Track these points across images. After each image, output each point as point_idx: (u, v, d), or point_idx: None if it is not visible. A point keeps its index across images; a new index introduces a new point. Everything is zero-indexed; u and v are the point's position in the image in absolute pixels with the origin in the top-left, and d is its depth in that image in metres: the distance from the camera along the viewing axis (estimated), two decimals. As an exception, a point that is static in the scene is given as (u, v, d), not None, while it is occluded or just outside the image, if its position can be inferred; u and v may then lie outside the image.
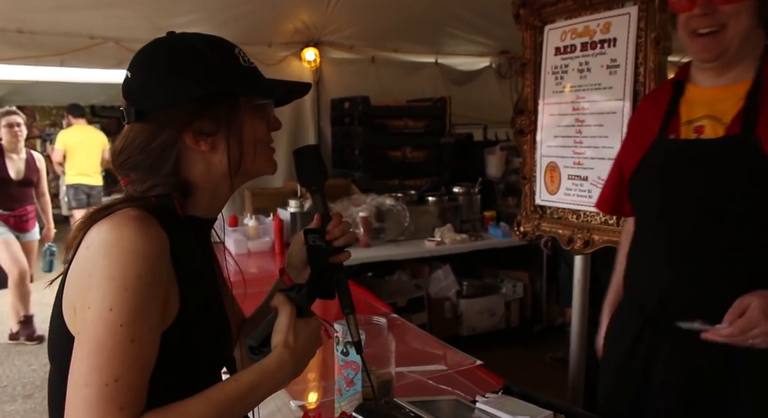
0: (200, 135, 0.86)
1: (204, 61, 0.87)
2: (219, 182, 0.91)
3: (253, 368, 0.85)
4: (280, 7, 4.00)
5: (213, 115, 0.86)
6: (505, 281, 4.19)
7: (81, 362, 0.74)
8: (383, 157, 4.23)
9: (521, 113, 2.36)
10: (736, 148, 1.25)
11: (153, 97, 0.85)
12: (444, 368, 1.68)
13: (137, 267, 0.75)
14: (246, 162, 0.90)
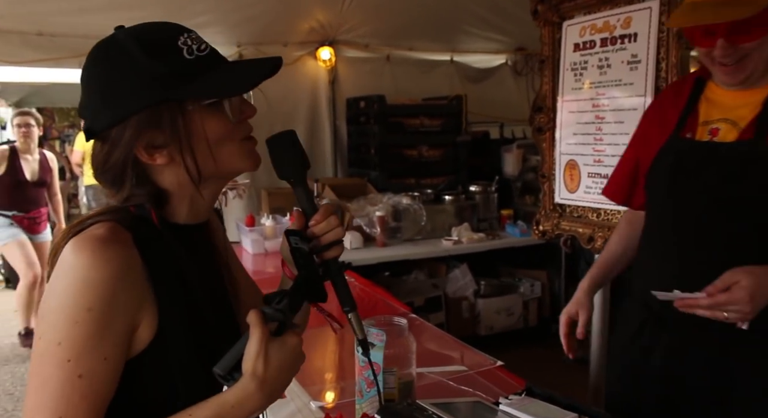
0: (152, 149, 0.81)
1: (138, 67, 0.78)
2: (191, 189, 0.85)
3: (210, 401, 0.76)
4: (294, 7, 4.01)
5: (160, 125, 0.80)
6: (523, 280, 4.16)
7: (29, 397, 0.73)
8: (399, 156, 4.21)
9: (540, 111, 2.34)
10: (747, 154, 1.26)
11: (97, 116, 0.81)
12: (464, 368, 1.67)
13: (87, 299, 0.73)
14: (207, 168, 0.83)
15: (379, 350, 1.29)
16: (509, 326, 4.01)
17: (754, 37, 1.22)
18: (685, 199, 1.35)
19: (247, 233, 3.47)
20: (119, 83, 0.79)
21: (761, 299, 1.14)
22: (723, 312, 1.16)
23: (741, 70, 1.26)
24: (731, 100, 1.33)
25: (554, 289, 4.23)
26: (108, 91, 0.80)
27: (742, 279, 1.14)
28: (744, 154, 1.27)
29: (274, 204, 3.76)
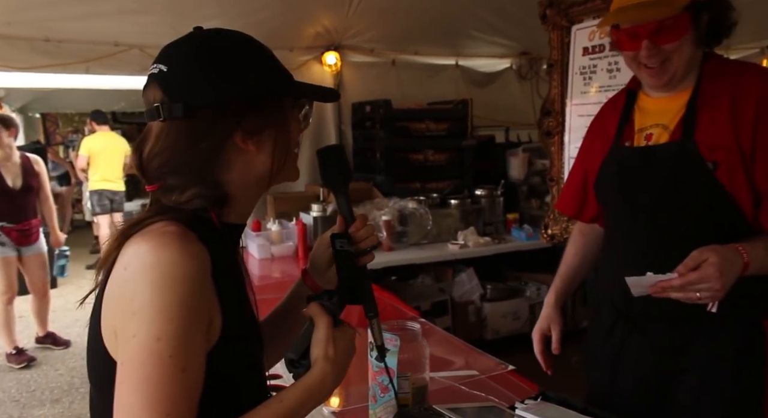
0: (248, 134, 0.83)
1: (251, 57, 0.85)
2: (254, 186, 0.88)
3: (296, 386, 0.83)
4: (300, 12, 4.02)
5: (262, 113, 0.84)
6: (529, 283, 4.16)
7: (129, 395, 0.70)
8: (405, 161, 4.22)
9: (548, 115, 2.34)
10: (678, 153, 1.34)
11: (202, 93, 0.81)
12: (476, 373, 1.66)
13: (181, 294, 0.72)
14: (288, 162, 0.88)
15: (393, 355, 1.28)
16: (516, 330, 4.00)
17: (674, 38, 1.30)
18: (633, 203, 1.43)
19: (254, 238, 3.47)
20: (233, 65, 0.83)
21: (729, 273, 1.17)
22: (696, 292, 1.19)
23: (664, 71, 1.33)
24: (660, 106, 1.42)
25: (561, 293, 4.21)
26: (221, 70, 0.82)
27: (710, 256, 1.17)
28: (675, 154, 1.35)
29: (280, 209, 3.77)
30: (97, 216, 6.50)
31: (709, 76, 1.36)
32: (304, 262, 3.36)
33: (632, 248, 1.45)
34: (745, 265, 1.20)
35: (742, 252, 1.20)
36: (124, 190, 6.59)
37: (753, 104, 1.27)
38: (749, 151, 1.27)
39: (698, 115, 1.34)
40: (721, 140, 1.29)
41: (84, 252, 7.34)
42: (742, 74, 1.33)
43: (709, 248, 1.20)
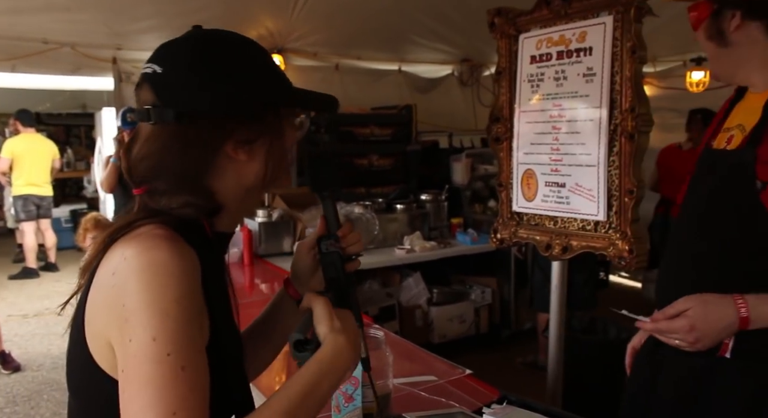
0: (240, 143, 0.81)
1: (249, 64, 0.82)
2: (245, 195, 0.86)
3: (310, 363, 0.79)
4: (242, 14, 3.94)
5: (257, 123, 0.81)
6: (474, 287, 4.22)
7: (132, 401, 0.67)
8: (349, 165, 4.20)
9: (497, 121, 2.37)
10: (735, 163, 1.23)
11: (195, 101, 0.78)
12: (434, 378, 1.66)
13: (174, 291, 0.69)
14: (281, 171, 0.86)
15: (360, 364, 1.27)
16: (462, 333, 4.05)
17: (695, 29, 1.30)
18: (684, 211, 1.37)
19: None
20: (234, 71, 0.80)
21: (706, 329, 1.12)
22: (673, 339, 1.17)
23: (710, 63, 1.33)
24: (748, 104, 1.30)
25: (504, 295, 4.31)
26: (221, 77, 0.79)
27: (692, 307, 1.14)
28: (732, 164, 1.24)
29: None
30: (21, 223, 6.15)
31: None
32: (250, 269, 3.29)
33: (669, 259, 1.38)
34: (742, 320, 1.11)
35: (740, 306, 1.11)
36: (52, 195, 6.26)
37: None
38: None
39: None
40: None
41: (6, 262, 6.94)
42: None
43: (696, 298, 1.15)
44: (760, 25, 1.20)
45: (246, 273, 3.25)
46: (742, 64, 1.27)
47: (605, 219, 2.00)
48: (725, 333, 1.13)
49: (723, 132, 1.35)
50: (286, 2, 3.80)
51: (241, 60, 0.82)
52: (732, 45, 1.26)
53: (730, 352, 1.16)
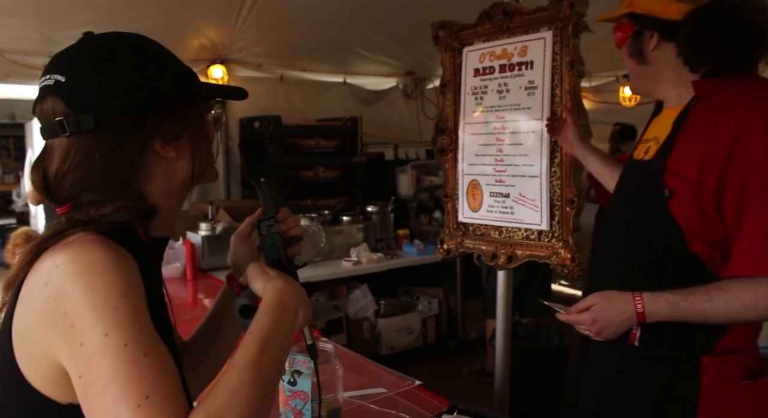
0: (168, 140, 0.79)
1: (156, 58, 0.81)
2: (177, 194, 0.84)
3: (259, 314, 0.77)
4: (184, 23, 3.86)
5: (179, 115, 0.80)
6: (421, 298, 4.24)
7: (99, 401, 0.63)
8: (295, 177, 4.17)
9: (442, 133, 2.40)
10: (647, 171, 1.33)
11: (113, 101, 0.74)
12: (384, 390, 1.65)
13: (119, 288, 0.66)
14: (208, 164, 0.85)
15: (307, 378, 1.24)
16: (409, 344, 4.06)
17: (618, 46, 1.41)
18: (606, 216, 1.49)
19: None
20: (143, 67, 0.78)
21: (606, 322, 1.27)
22: (583, 330, 1.34)
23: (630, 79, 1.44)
24: (663, 117, 1.40)
25: (451, 305, 4.34)
26: (130, 74, 0.76)
27: (596, 303, 1.29)
28: (645, 173, 1.33)
29: (164, 228, 3.56)
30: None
31: (705, 96, 1.26)
32: (192, 283, 3.19)
33: (595, 259, 1.54)
34: (639, 314, 1.23)
35: (637, 302, 1.23)
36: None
37: (730, 138, 1.17)
38: (712, 187, 1.18)
39: (681, 135, 1.27)
40: (685, 168, 1.23)
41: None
42: (733, 102, 1.21)
43: (600, 295, 1.30)
44: (674, 46, 1.29)
45: (188, 288, 3.16)
46: (659, 80, 1.37)
47: (548, 228, 2.05)
48: (624, 325, 1.27)
49: (642, 143, 1.45)
50: (229, 12, 3.75)
51: (145, 56, 0.80)
52: (650, 63, 1.36)
53: (638, 340, 1.29)
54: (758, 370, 1.30)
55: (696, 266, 1.24)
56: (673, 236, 1.24)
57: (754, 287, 1.15)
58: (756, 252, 1.15)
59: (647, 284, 1.27)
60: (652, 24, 1.32)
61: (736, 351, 1.26)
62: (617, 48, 1.45)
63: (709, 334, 1.24)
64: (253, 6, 3.68)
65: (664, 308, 1.22)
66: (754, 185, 1.15)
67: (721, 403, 1.24)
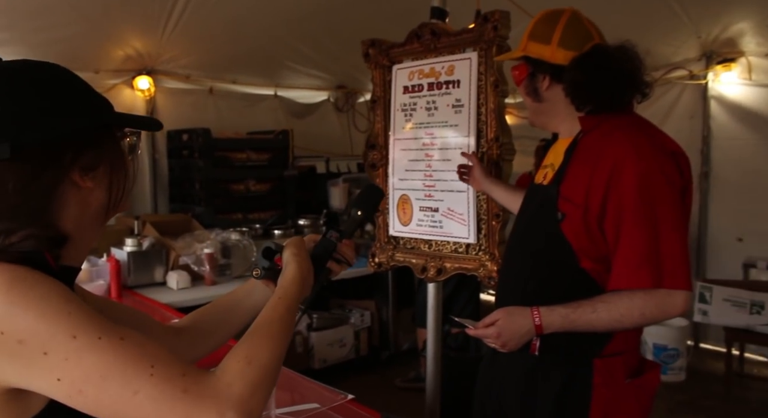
0: (85, 170, 0.78)
1: (74, 88, 0.79)
2: (91, 225, 0.82)
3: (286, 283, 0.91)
4: (108, 32, 3.75)
5: (96, 146, 0.79)
6: (354, 310, 4.25)
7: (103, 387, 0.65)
8: (226, 191, 4.11)
9: (373, 148, 2.44)
10: (544, 196, 1.49)
11: (30, 130, 0.73)
12: (317, 406, 1.66)
13: (59, 294, 0.66)
14: (124, 195, 0.85)
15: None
16: (342, 358, 4.06)
17: (516, 83, 1.57)
18: (510, 237, 1.65)
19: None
20: (59, 97, 0.76)
21: (509, 335, 1.40)
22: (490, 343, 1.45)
23: (528, 113, 1.58)
24: (558, 146, 1.57)
25: (383, 317, 4.38)
26: (48, 104, 0.75)
27: (499, 319, 1.42)
28: (541, 198, 1.50)
29: (86, 244, 3.42)
30: None
31: (589, 130, 1.44)
32: (118, 301, 3.08)
33: (502, 275, 1.68)
34: (537, 327, 1.38)
35: (535, 316, 1.37)
36: None
37: (609, 169, 1.34)
38: (596, 211, 1.34)
39: (571, 165, 1.44)
40: (574, 194, 1.39)
41: None
42: (611, 137, 1.38)
43: (503, 310, 1.42)
44: (563, 87, 1.46)
45: (113, 307, 3.04)
46: (552, 115, 1.55)
47: (475, 241, 2.13)
48: (525, 337, 1.40)
49: (542, 168, 1.61)
50: (156, 22, 3.68)
51: (62, 86, 0.79)
52: (544, 101, 1.53)
53: (538, 350, 1.43)
54: (639, 368, 1.48)
55: (586, 281, 1.39)
56: (566, 254, 1.39)
57: (629, 299, 1.32)
58: (628, 268, 1.32)
59: (546, 298, 1.40)
60: (543, 67, 1.49)
61: (622, 353, 1.42)
62: (516, 86, 1.61)
63: (599, 340, 1.39)
64: (181, 16, 3.62)
65: (558, 320, 1.36)
66: (626, 210, 1.32)
67: (610, 399, 1.40)
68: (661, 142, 1.38)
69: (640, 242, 1.30)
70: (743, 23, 3.99)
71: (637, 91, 1.43)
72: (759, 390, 3.83)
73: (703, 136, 4.52)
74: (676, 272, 1.30)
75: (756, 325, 3.49)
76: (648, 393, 1.47)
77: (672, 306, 1.31)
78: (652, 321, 1.35)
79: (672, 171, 1.34)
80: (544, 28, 1.48)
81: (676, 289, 1.30)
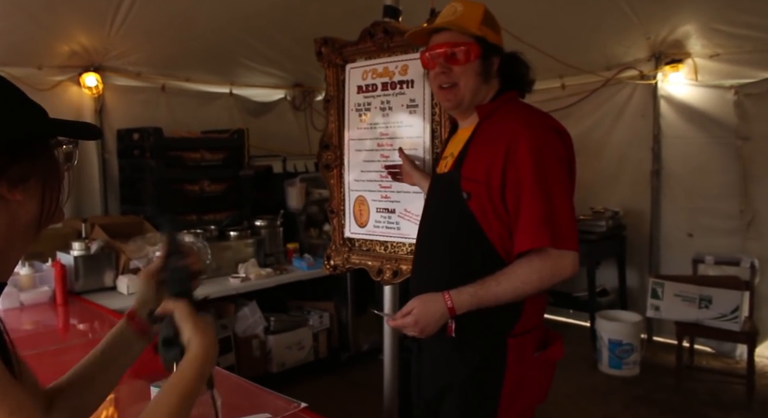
0: (14, 183, 0.73)
1: (4, 97, 0.74)
2: (20, 238, 0.77)
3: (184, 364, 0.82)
4: (51, 27, 3.58)
5: (27, 157, 0.74)
6: (312, 312, 4.20)
7: None
8: (179, 192, 3.99)
9: (327, 148, 2.40)
10: (448, 182, 1.60)
11: None
12: (268, 415, 1.61)
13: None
14: (58, 207, 0.80)
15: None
16: (300, 360, 4.00)
17: (462, 62, 1.56)
18: (422, 224, 1.75)
19: (-4, 284, 2.96)
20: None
21: (426, 320, 1.49)
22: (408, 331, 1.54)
23: (454, 94, 1.59)
24: (458, 136, 1.67)
25: (342, 318, 4.34)
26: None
27: (415, 307, 1.51)
28: (446, 183, 1.61)
29: (31, 249, 3.27)
30: None
31: (488, 115, 1.58)
32: (63, 308, 2.96)
33: (415, 267, 1.75)
34: (450, 310, 1.47)
35: (447, 300, 1.47)
36: None
37: (505, 143, 1.48)
38: (497, 184, 1.47)
39: (470, 149, 1.57)
40: (476, 173, 1.51)
41: None
42: (506, 120, 1.54)
43: (417, 299, 1.51)
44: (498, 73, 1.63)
45: (59, 314, 2.92)
46: (481, 97, 1.62)
47: (431, 243, 2.11)
48: (441, 321, 1.50)
49: (443, 159, 1.73)
50: (102, 16, 3.53)
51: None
52: (489, 81, 1.61)
53: (454, 331, 1.52)
54: (544, 341, 1.62)
55: (496, 257, 1.51)
56: (475, 232, 1.51)
57: (528, 265, 1.45)
58: (530, 229, 1.44)
59: (461, 279, 1.50)
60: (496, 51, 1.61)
61: (531, 330, 1.57)
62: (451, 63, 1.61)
63: (509, 318, 1.52)
64: (129, 12, 3.50)
65: (467, 299, 1.47)
66: (524, 179, 1.45)
67: (521, 373, 1.54)
68: (547, 121, 1.55)
69: (539, 206, 1.43)
70: (689, 25, 4.08)
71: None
72: (707, 382, 3.94)
73: (654, 134, 4.62)
74: (567, 235, 1.44)
75: (705, 319, 3.58)
76: (552, 364, 1.62)
77: (562, 268, 1.45)
78: (549, 283, 1.47)
79: (558, 145, 1.50)
80: (491, 19, 1.61)
81: (567, 249, 1.44)
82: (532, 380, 1.57)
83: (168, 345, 0.86)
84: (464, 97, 1.59)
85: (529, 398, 1.58)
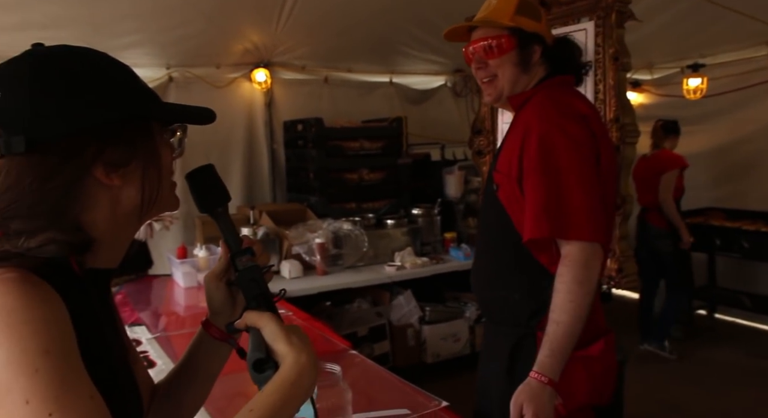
0: (111, 167, 0.71)
1: (108, 78, 0.72)
2: (123, 224, 0.75)
3: (273, 384, 0.71)
4: (227, 28, 3.86)
5: (127, 141, 0.71)
6: (469, 304, 4.08)
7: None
8: (339, 180, 4.10)
9: (479, 133, 2.27)
10: (489, 175, 1.63)
11: (49, 123, 0.67)
12: (407, 411, 1.55)
13: (39, 341, 0.58)
14: (161, 194, 0.76)
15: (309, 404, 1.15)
16: (456, 353, 3.91)
17: (497, 55, 1.53)
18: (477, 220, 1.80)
19: (179, 265, 3.26)
20: (87, 87, 0.70)
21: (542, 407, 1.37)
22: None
23: (493, 87, 1.57)
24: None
25: (500, 312, 4.17)
26: (72, 94, 0.69)
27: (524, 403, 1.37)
28: (488, 176, 1.64)
29: (207, 233, 3.57)
30: None
31: (521, 105, 1.56)
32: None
33: (476, 251, 1.77)
34: (551, 383, 1.37)
35: (542, 380, 1.37)
36: None
37: (520, 137, 1.48)
38: (516, 174, 1.47)
39: (505, 141, 1.60)
40: (503, 165, 1.53)
41: None
42: (528, 109, 1.53)
43: (519, 394, 1.38)
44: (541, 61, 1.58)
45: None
46: (523, 86, 1.57)
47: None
48: (552, 400, 1.38)
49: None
50: (270, 14, 3.72)
51: (90, 76, 0.71)
52: (530, 71, 1.56)
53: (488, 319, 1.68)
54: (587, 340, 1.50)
55: (524, 247, 1.48)
56: (505, 222, 1.52)
57: (559, 281, 1.40)
58: (527, 222, 1.43)
59: (496, 269, 1.58)
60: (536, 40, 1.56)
61: None
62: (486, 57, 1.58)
63: (533, 313, 1.52)
64: (293, 7, 3.64)
65: (549, 362, 1.38)
66: (529, 168, 1.44)
67: None
68: (570, 109, 1.49)
69: (539, 196, 1.41)
70: None
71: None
72: None
73: None
74: (578, 224, 1.39)
75: None
76: (595, 361, 1.51)
77: (585, 259, 1.38)
78: (588, 280, 1.38)
79: (577, 131, 1.44)
80: (528, 6, 1.56)
81: (580, 240, 1.38)
82: (569, 377, 1.44)
83: (260, 369, 0.74)
84: (503, 89, 1.57)
85: (574, 396, 1.47)
